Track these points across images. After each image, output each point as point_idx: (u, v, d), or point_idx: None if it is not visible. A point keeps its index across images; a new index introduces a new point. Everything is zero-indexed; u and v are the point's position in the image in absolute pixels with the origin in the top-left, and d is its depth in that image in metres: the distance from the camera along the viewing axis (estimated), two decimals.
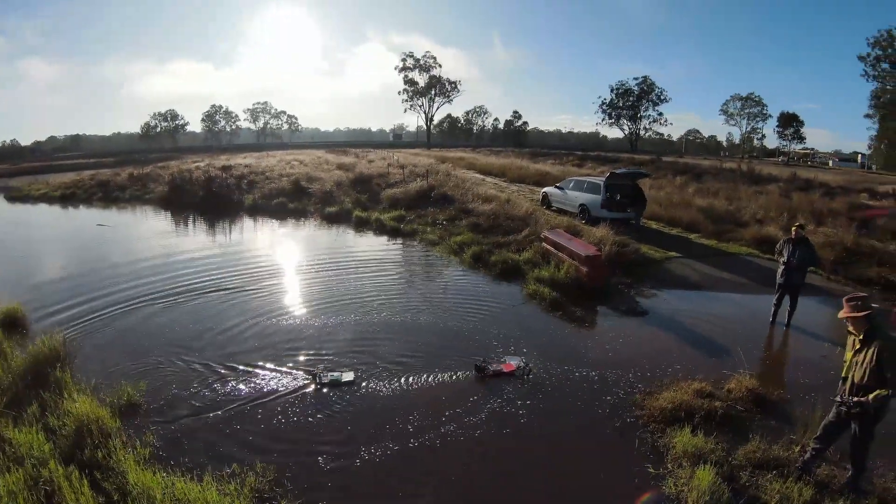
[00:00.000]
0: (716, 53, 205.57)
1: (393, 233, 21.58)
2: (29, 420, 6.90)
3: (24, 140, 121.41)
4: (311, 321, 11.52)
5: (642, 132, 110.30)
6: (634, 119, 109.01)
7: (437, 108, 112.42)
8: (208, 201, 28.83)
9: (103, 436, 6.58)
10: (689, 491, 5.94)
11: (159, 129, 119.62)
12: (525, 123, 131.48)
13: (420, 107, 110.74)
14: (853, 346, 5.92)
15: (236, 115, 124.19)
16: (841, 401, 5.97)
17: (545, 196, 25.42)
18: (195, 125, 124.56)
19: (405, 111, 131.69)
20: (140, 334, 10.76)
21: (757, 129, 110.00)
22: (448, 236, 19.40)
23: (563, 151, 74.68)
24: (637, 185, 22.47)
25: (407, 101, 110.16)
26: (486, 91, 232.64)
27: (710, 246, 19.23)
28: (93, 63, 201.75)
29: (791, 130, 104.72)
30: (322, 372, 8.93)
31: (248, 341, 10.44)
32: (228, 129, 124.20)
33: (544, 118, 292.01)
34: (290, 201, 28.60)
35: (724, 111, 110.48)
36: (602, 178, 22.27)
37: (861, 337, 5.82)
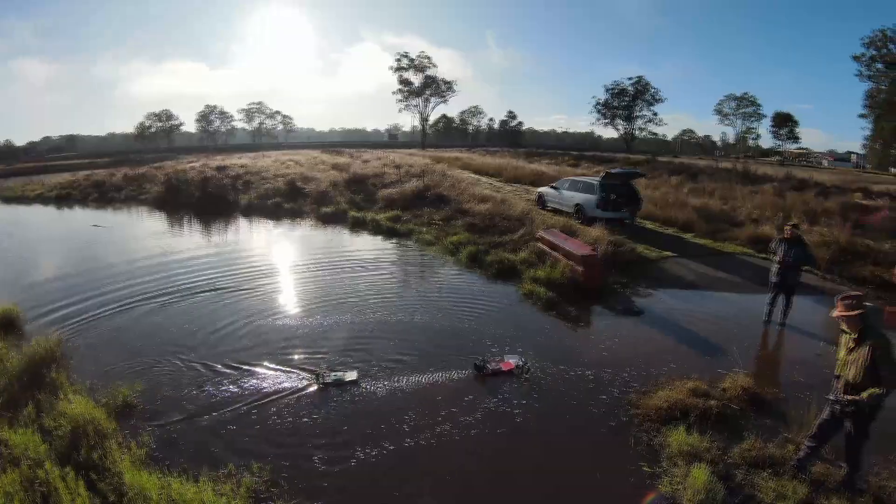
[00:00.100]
0: (710, 54, 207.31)
1: (389, 233, 21.52)
2: (25, 421, 6.89)
3: (19, 140, 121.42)
4: (307, 321, 11.51)
5: (637, 132, 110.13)
6: (629, 119, 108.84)
7: (433, 109, 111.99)
8: (204, 202, 28.73)
9: (99, 437, 6.58)
10: (684, 490, 5.96)
11: (154, 129, 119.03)
12: (520, 123, 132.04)
13: (415, 107, 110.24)
14: (847, 344, 5.94)
15: (231, 116, 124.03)
16: (835, 399, 5.99)
17: (540, 196, 25.38)
18: (190, 125, 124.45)
19: (400, 111, 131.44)
20: (136, 335, 10.75)
21: (751, 128, 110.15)
22: (444, 236, 19.40)
23: (558, 151, 74.91)
24: (632, 184, 22.51)
25: (402, 101, 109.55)
26: (482, 91, 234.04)
27: (706, 245, 19.24)
28: (88, 63, 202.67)
29: (786, 130, 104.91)
30: (325, 372, 8.93)
31: (243, 341, 10.43)
32: (223, 129, 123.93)
33: (540, 118, 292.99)
34: (286, 202, 28.53)
35: (719, 111, 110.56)
36: (597, 178, 22.26)
37: (855, 336, 5.84)
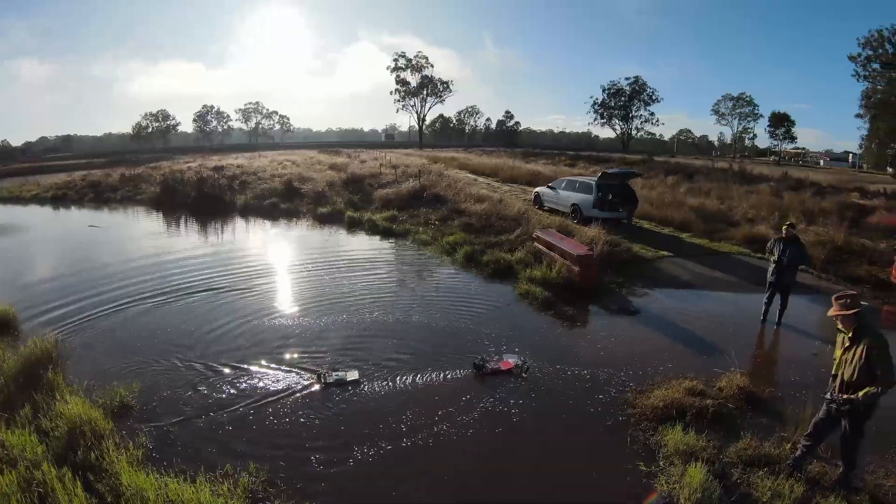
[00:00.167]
0: (708, 54, 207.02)
1: (385, 233, 21.49)
2: (21, 422, 6.87)
3: (15, 141, 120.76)
4: (303, 321, 11.49)
5: (634, 132, 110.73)
6: (626, 119, 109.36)
7: (430, 109, 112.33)
8: (200, 202, 28.63)
9: (96, 437, 6.55)
10: (680, 489, 5.96)
11: (151, 129, 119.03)
12: (517, 123, 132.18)
13: (412, 107, 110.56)
14: (843, 343, 5.95)
15: (228, 116, 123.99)
16: (831, 398, 6.00)
17: (537, 196, 25.42)
18: (187, 125, 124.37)
19: (397, 111, 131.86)
20: (132, 335, 10.71)
21: (748, 128, 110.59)
22: (440, 236, 19.37)
23: (555, 151, 74.95)
24: (628, 184, 22.55)
25: (399, 101, 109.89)
26: (478, 91, 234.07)
27: (702, 245, 19.27)
28: (84, 63, 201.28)
29: (782, 130, 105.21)
30: (327, 372, 8.92)
31: (240, 341, 10.41)
32: (220, 129, 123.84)
33: (536, 118, 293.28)
34: (283, 202, 28.49)
35: (716, 111, 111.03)
36: (594, 178, 22.31)
37: (850, 335, 5.85)
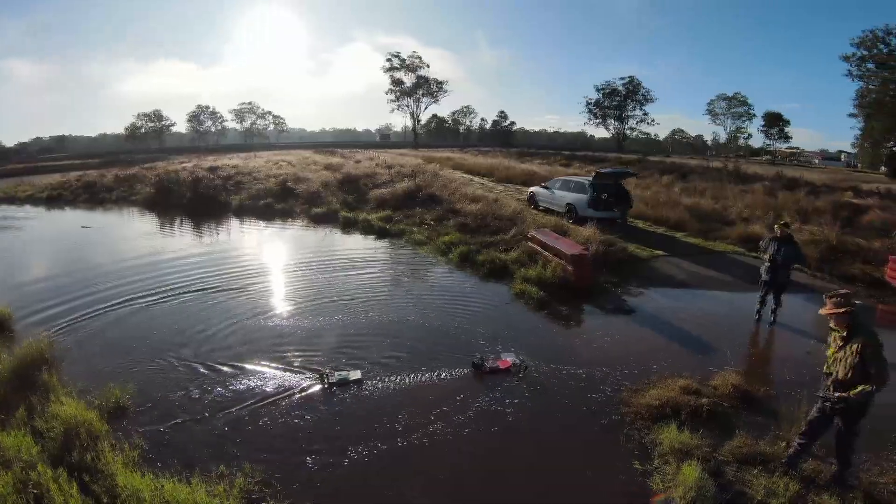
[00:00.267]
0: (701, 54, 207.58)
1: (380, 233, 21.46)
2: (16, 423, 6.85)
3: (9, 141, 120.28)
4: (298, 321, 11.47)
5: (629, 132, 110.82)
6: (621, 119, 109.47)
7: (424, 109, 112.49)
8: (195, 202, 28.55)
9: (91, 438, 6.54)
10: (675, 487, 5.97)
11: (145, 129, 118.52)
12: (512, 123, 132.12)
13: (407, 107, 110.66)
14: (836, 342, 5.97)
15: (222, 116, 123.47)
16: (825, 396, 6.02)
17: (532, 196, 25.46)
18: (181, 126, 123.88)
19: (392, 111, 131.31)
20: (127, 335, 10.68)
21: (742, 128, 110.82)
22: (435, 236, 19.37)
23: (550, 151, 75.05)
24: (622, 184, 22.59)
25: (393, 101, 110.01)
26: (473, 91, 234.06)
27: (697, 244, 19.33)
28: (78, 63, 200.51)
29: (776, 130, 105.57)
30: (330, 372, 8.92)
31: (235, 341, 10.38)
32: (215, 129, 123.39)
33: (531, 118, 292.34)
34: (277, 202, 28.41)
35: (710, 111, 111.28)
36: (588, 178, 22.35)
37: (844, 333, 5.87)
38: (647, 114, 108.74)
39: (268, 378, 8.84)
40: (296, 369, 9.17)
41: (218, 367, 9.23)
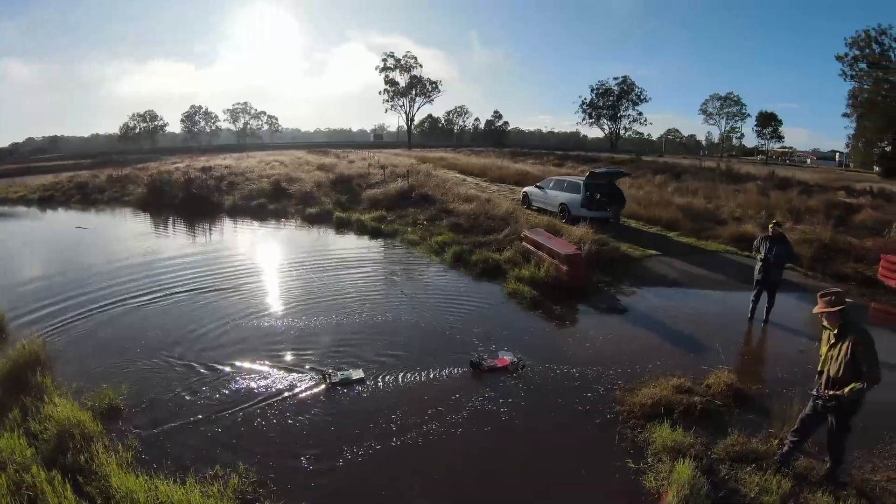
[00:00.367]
0: (695, 54, 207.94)
1: (374, 233, 21.46)
2: (10, 425, 6.81)
3: (2, 142, 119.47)
4: (292, 322, 11.43)
5: (622, 132, 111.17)
6: (614, 119, 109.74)
7: (418, 109, 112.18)
8: (188, 203, 28.49)
9: (85, 440, 6.51)
10: (668, 485, 5.98)
11: (138, 129, 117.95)
12: (506, 123, 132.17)
13: (401, 107, 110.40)
14: (828, 340, 5.99)
15: (216, 116, 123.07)
16: (817, 394, 6.05)
17: (525, 195, 25.48)
18: (174, 126, 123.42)
19: (386, 111, 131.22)
20: (120, 336, 10.63)
21: (735, 128, 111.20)
22: (429, 236, 19.35)
23: (543, 151, 75.04)
24: (616, 184, 22.64)
25: (388, 101, 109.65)
26: (467, 91, 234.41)
27: (689, 244, 19.38)
28: (71, 63, 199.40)
29: (769, 129, 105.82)
30: (332, 371, 8.90)
31: (228, 342, 10.35)
32: (208, 129, 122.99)
33: (525, 118, 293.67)
34: (271, 202, 28.39)
35: (703, 111, 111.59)
36: (582, 178, 22.40)
37: (836, 331, 5.89)
38: (640, 114, 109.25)
39: (262, 378, 8.80)
40: (291, 369, 9.15)
41: (212, 367, 9.19)
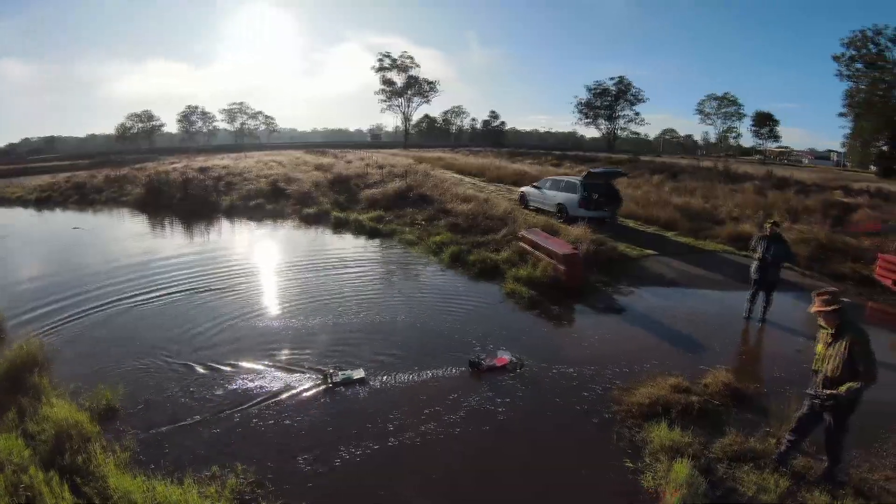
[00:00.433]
0: (693, 54, 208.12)
1: (371, 233, 21.43)
2: (8, 426, 6.82)
3: None
4: (289, 322, 11.42)
5: (619, 132, 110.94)
6: (611, 119, 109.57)
7: (415, 109, 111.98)
8: (185, 203, 28.46)
9: (83, 440, 6.52)
10: (666, 484, 6.00)
11: (135, 129, 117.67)
12: (503, 123, 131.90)
13: (398, 107, 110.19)
14: (825, 339, 6.01)
15: (213, 116, 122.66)
16: (814, 394, 6.06)
17: (523, 195, 25.49)
18: (171, 126, 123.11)
19: (383, 111, 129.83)
20: (118, 336, 10.62)
21: (732, 128, 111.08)
22: (427, 236, 19.36)
23: (541, 151, 74.94)
24: (613, 184, 22.65)
25: (384, 101, 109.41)
26: (464, 91, 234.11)
27: (687, 243, 19.41)
28: (68, 63, 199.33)
29: (766, 129, 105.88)
30: (333, 371, 8.90)
31: (225, 342, 10.33)
32: (205, 129, 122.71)
33: (522, 118, 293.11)
34: (268, 202, 28.32)
35: (700, 110, 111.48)
36: (579, 178, 22.41)
37: (832, 331, 5.91)
38: (637, 114, 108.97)
39: (259, 378, 8.80)
40: (289, 369, 9.15)
41: (209, 367, 9.19)
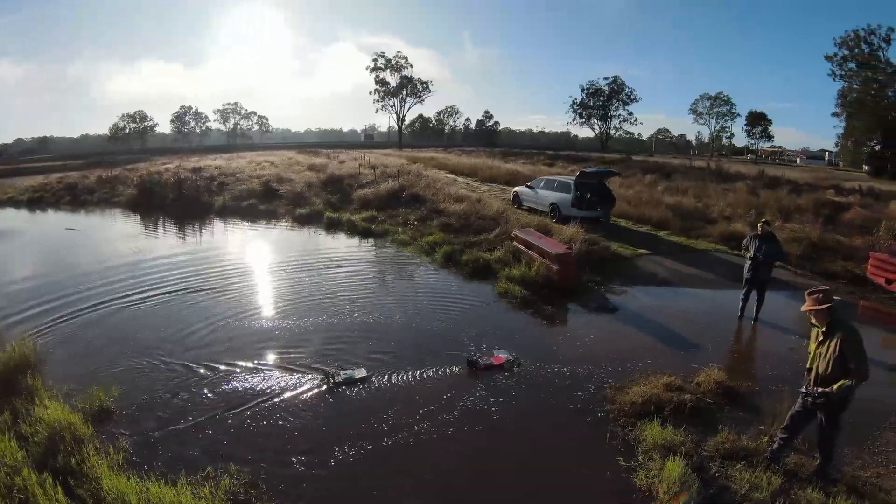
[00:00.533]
0: (685, 54, 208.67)
1: (364, 233, 21.42)
2: (1, 428, 6.75)
3: None
4: (282, 322, 11.39)
5: (613, 131, 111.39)
6: (605, 118, 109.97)
7: (409, 109, 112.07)
8: (178, 204, 28.38)
9: (76, 442, 6.47)
10: (659, 482, 6.00)
11: (128, 130, 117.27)
12: (496, 123, 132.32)
13: (391, 107, 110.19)
14: (817, 337, 6.03)
15: (206, 116, 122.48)
16: (806, 391, 6.08)
17: (516, 195, 25.50)
18: (164, 126, 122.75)
19: (376, 111, 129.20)
20: (111, 337, 10.56)
21: (725, 127, 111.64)
22: (419, 236, 19.34)
23: (534, 151, 75.20)
24: (606, 183, 22.69)
25: (378, 101, 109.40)
26: (458, 91, 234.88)
27: (679, 243, 19.45)
28: (61, 63, 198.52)
29: (759, 129, 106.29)
30: (336, 371, 8.87)
31: (218, 343, 10.29)
32: (198, 130, 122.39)
33: (516, 118, 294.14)
34: (261, 203, 28.29)
35: (693, 110, 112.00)
36: (572, 177, 22.44)
37: (824, 329, 5.93)
38: (630, 113, 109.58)
39: (253, 379, 8.75)
40: (284, 369, 9.11)
41: (203, 368, 9.14)
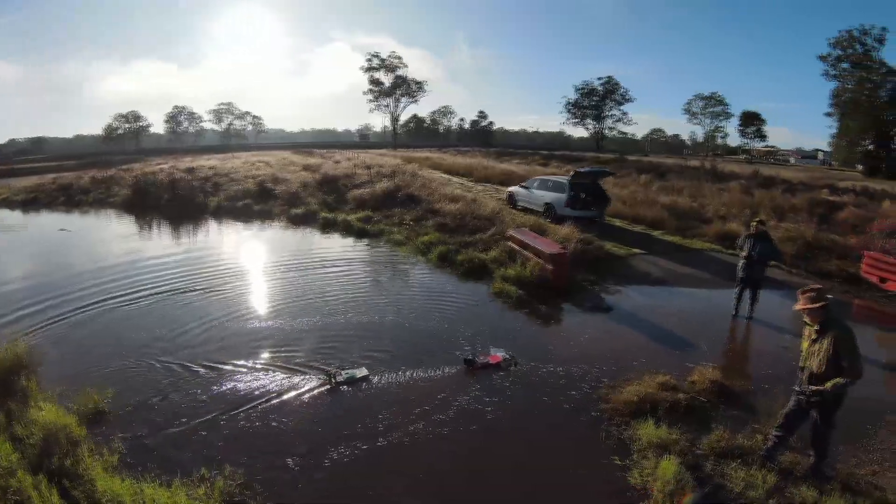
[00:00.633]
0: (679, 54, 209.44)
1: (359, 234, 21.36)
2: None
3: None
4: (277, 322, 11.36)
5: (607, 131, 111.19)
6: (599, 118, 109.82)
7: (403, 109, 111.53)
8: (173, 204, 28.22)
9: (71, 444, 6.47)
10: (654, 481, 6.01)
11: (122, 130, 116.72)
12: (491, 123, 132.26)
13: (386, 107, 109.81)
14: (810, 336, 6.06)
15: (200, 117, 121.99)
16: (800, 390, 6.10)
17: (511, 195, 25.52)
18: (159, 127, 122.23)
19: (371, 111, 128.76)
20: (105, 338, 10.51)
21: (719, 127, 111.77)
22: (415, 236, 19.34)
23: (528, 151, 75.18)
24: (600, 183, 22.73)
25: (372, 101, 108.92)
26: (452, 91, 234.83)
27: (674, 242, 19.52)
28: (55, 63, 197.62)
29: (753, 129, 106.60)
30: (337, 371, 8.86)
31: (212, 343, 10.26)
32: (192, 130, 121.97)
33: (510, 118, 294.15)
34: (256, 203, 28.16)
35: (687, 110, 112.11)
36: (567, 177, 22.46)
37: (817, 327, 5.95)
38: (625, 113, 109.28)
39: (249, 380, 8.74)
40: (279, 369, 9.10)
41: (197, 368, 9.12)
